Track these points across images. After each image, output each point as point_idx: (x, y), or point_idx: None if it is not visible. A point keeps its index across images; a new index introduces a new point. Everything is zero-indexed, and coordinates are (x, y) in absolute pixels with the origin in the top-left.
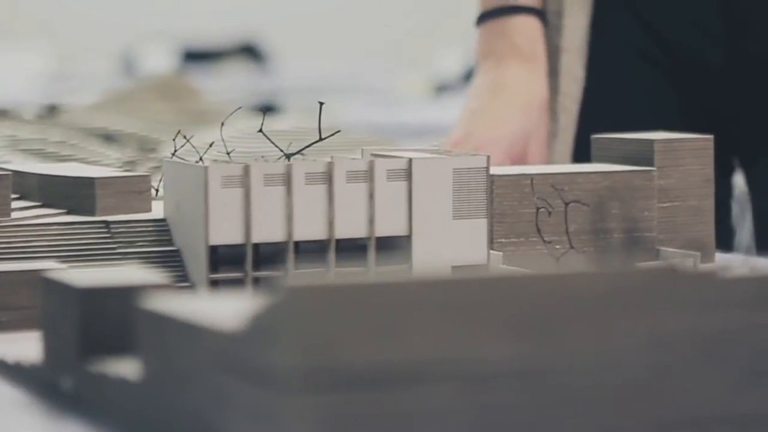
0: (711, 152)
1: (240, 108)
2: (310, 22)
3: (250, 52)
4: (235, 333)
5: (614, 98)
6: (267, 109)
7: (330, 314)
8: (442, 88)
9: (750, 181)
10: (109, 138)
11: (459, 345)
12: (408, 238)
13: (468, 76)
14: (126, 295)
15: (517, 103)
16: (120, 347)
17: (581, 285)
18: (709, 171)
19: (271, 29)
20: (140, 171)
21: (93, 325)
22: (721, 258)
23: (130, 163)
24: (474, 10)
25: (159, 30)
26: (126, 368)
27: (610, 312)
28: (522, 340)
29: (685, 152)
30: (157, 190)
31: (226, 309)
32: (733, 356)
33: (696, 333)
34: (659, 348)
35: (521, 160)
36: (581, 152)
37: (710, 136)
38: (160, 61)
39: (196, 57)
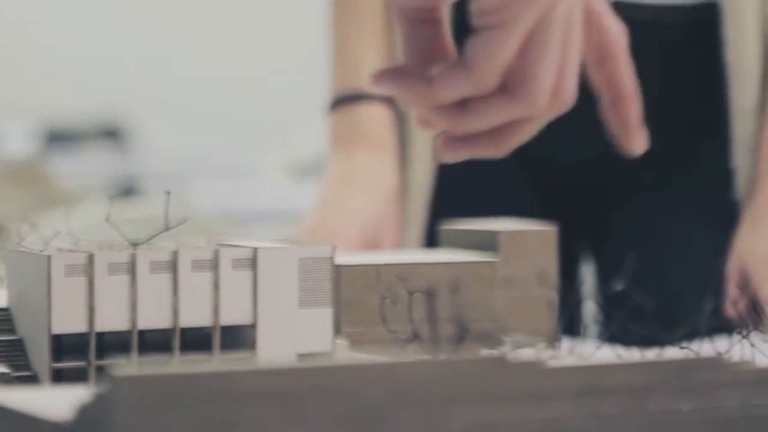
0: (554, 243)
1: (90, 196)
2: (176, 105)
3: (113, 134)
4: (65, 424)
5: (466, 185)
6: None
7: (158, 404)
8: (305, 172)
9: (596, 268)
10: None
11: None
12: (253, 327)
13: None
14: None
15: (367, 193)
16: None
17: (411, 374)
18: (553, 261)
19: (137, 111)
20: None
21: None
22: (563, 346)
23: None
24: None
25: (21, 110)
26: None
27: (438, 401)
28: (349, 428)
29: (529, 243)
30: (1, 279)
31: (62, 399)
32: None
33: (522, 422)
34: None
35: (373, 249)
36: (433, 238)
37: (553, 228)
38: (20, 142)
39: (58, 138)
